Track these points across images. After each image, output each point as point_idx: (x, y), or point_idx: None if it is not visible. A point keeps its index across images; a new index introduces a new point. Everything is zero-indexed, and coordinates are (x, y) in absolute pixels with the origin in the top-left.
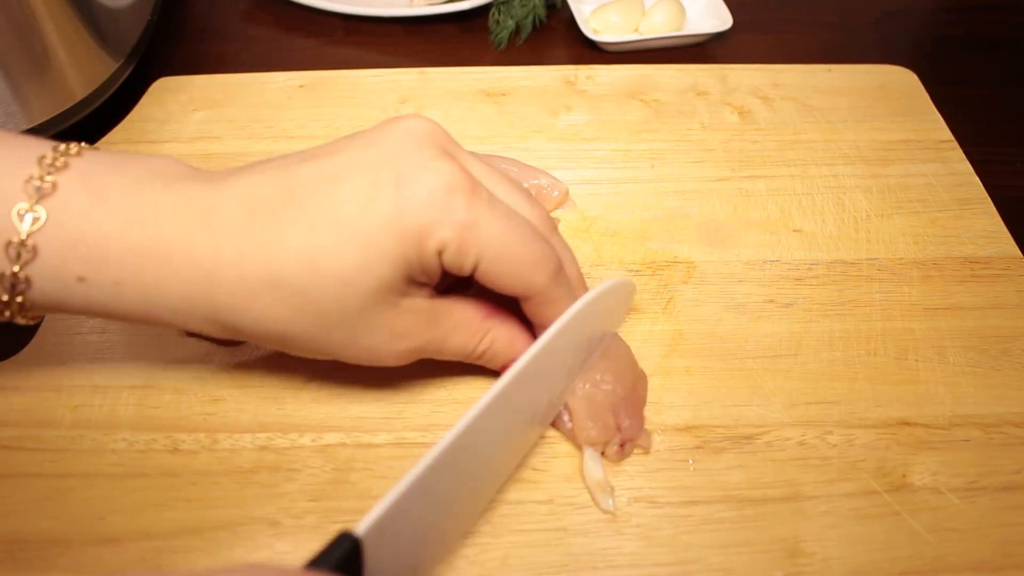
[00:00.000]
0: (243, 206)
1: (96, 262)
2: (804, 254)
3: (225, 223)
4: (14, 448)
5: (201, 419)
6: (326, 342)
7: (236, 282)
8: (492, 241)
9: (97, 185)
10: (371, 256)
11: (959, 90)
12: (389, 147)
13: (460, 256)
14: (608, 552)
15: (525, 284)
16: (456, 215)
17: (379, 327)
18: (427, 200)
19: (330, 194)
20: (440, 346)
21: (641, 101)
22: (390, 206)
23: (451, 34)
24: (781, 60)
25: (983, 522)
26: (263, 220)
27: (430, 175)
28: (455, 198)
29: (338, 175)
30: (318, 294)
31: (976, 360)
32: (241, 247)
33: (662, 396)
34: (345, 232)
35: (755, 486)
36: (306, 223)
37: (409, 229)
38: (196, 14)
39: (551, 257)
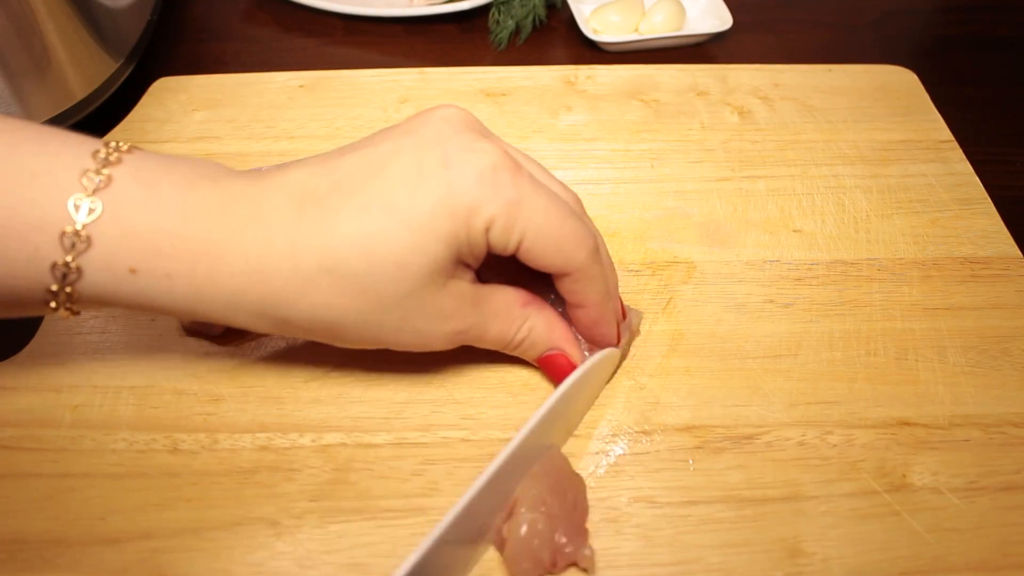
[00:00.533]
0: (290, 199)
1: (149, 254)
2: (804, 254)
3: (274, 216)
4: (14, 448)
5: (201, 419)
6: (376, 327)
7: (289, 272)
8: (535, 218)
9: (150, 180)
10: (425, 237)
11: (959, 90)
12: (431, 133)
13: (506, 233)
14: (608, 552)
15: (566, 260)
16: (503, 193)
17: (430, 309)
18: (475, 180)
19: (378, 180)
20: (482, 331)
21: (641, 101)
22: (440, 187)
23: (451, 34)
24: (781, 60)
25: (983, 522)
26: (312, 210)
27: (476, 156)
28: (501, 177)
29: (384, 162)
30: (373, 278)
31: (976, 360)
32: (293, 237)
33: (662, 396)
34: (398, 215)
35: (755, 486)
36: (357, 210)
37: (459, 208)
38: (196, 14)
39: (590, 234)
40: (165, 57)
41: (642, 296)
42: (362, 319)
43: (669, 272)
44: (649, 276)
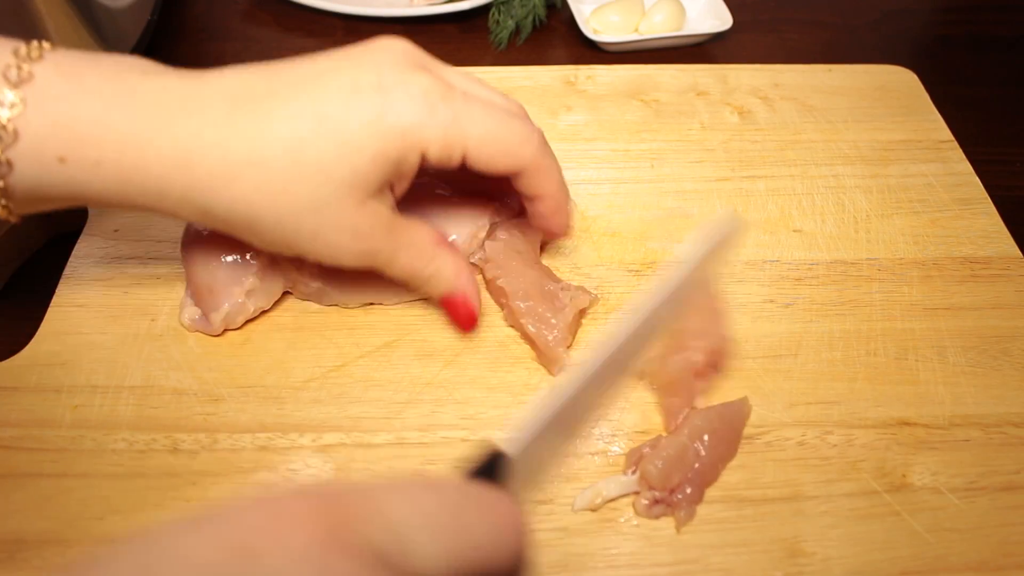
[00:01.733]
0: (224, 96)
1: (76, 143)
2: (804, 254)
3: (207, 109)
4: (14, 448)
5: (201, 419)
6: (292, 231)
7: (217, 162)
8: (474, 130)
9: (74, 73)
10: (351, 149)
11: (959, 90)
12: (369, 59)
13: (447, 150)
14: (608, 552)
15: (515, 159)
16: (438, 116)
17: (345, 223)
18: (409, 104)
19: (314, 90)
20: (392, 257)
21: (641, 101)
22: (373, 108)
23: (451, 34)
24: (781, 60)
25: (983, 522)
26: (246, 108)
27: (409, 84)
28: (433, 99)
29: (320, 76)
30: (296, 180)
31: (976, 360)
32: (224, 131)
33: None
34: (328, 125)
35: (755, 486)
36: (290, 115)
37: (391, 130)
38: (196, 14)
39: (533, 130)
40: (165, 57)
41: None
42: (280, 219)
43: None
44: (649, 276)
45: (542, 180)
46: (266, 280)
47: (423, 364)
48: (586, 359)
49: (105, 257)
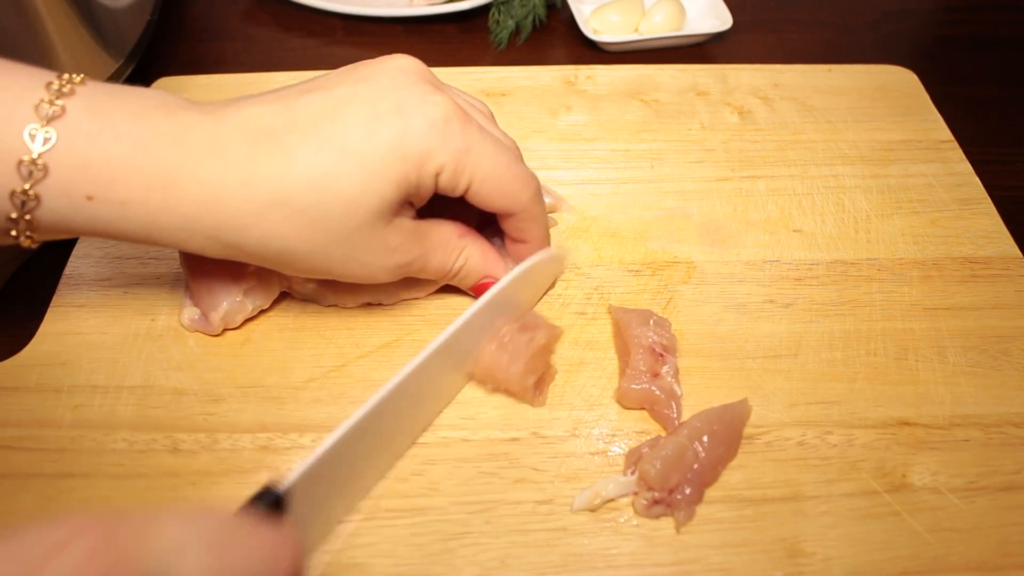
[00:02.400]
0: (246, 134)
1: (104, 182)
2: (804, 254)
3: (230, 147)
4: (14, 448)
5: (201, 419)
6: (324, 259)
7: (243, 202)
8: (483, 164)
9: (103, 111)
10: (376, 178)
11: (959, 90)
12: (386, 81)
13: (456, 177)
14: (608, 552)
15: (512, 201)
16: (453, 142)
17: (376, 244)
18: (428, 128)
19: (334, 123)
20: (425, 263)
21: (641, 101)
22: (393, 133)
23: (451, 34)
24: (781, 60)
25: (983, 522)
26: (267, 146)
27: (429, 107)
28: (452, 126)
29: (340, 106)
30: (323, 213)
31: (976, 360)
32: (249, 169)
33: None
34: (352, 156)
35: (755, 486)
36: (313, 149)
37: (411, 154)
38: (196, 14)
39: (532, 178)
40: (165, 57)
41: (642, 296)
42: (310, 250)
43: (669, 272)
44: (649, 276)
45: (530, 225)
46: (264, 280)
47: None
48: (371, 395)
49: (105, 257)
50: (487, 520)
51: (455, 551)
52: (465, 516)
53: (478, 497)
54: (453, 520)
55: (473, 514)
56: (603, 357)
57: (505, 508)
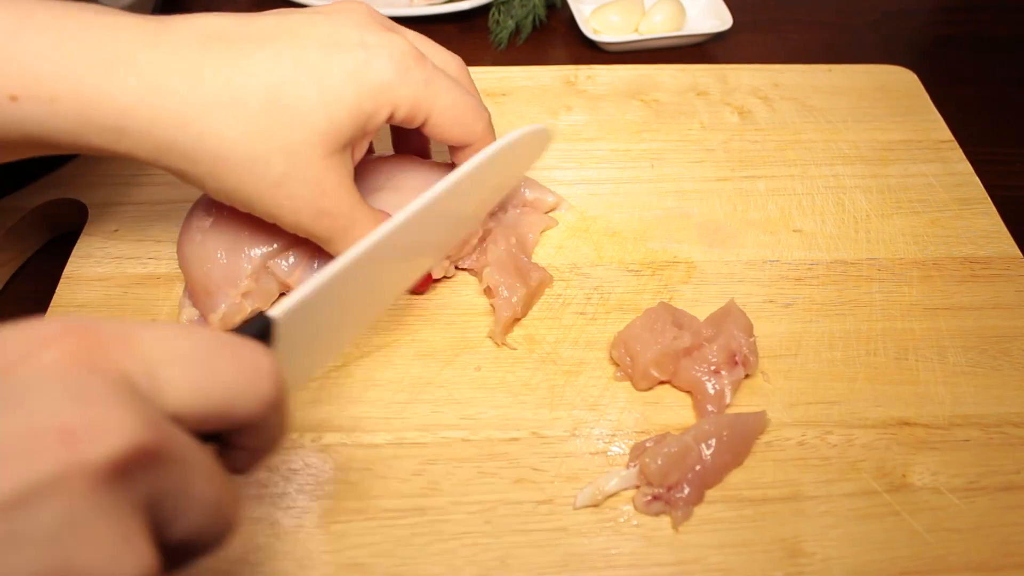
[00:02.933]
0: (197, 36)
1: (28, 79)
2: (804, 254)
3: (178, 44)
4: None
5: None
6: (260, 174)
7: (188, 93)
8: (440, 99)
9: (23, 10)
10: (330, 98)
11: (959, 90)
12: (345, 19)
13: (414, 112)
14: (608, 552)
15: (468, 131)
16: (413, 77)
17: (312, 177)
18: (388, 63)
19: (293, 38)
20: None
21: (641, 101)
22: (354, 61)
23: (451, 34)
24: (781, 60)
25: (983, 522)
26: (220, 48)
27: (389, 45)
28: (410, 62)
29: (299, 26)
30: (271, 122)
31: (976, 360)
32: (197, 65)
33: (662, 396)
34: (309, 71)
35: (755, 486)
36: (269, 56)
37: (370, 84)
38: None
39: (484, 108)
40: None
41: (642, 296)
42: (250, 158)
43: (669, 272)
44: (649, 276)
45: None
46: (261, 281)
47: (423, 364)
48: (366, 239)
49: (105, 257)
50: (487, 520)
51: (455, 551)
52: (465, 516)
53: (478, 497)
54: (453, 520)
55: (473, 514)
56: (603, 357)
57: (505, 508)
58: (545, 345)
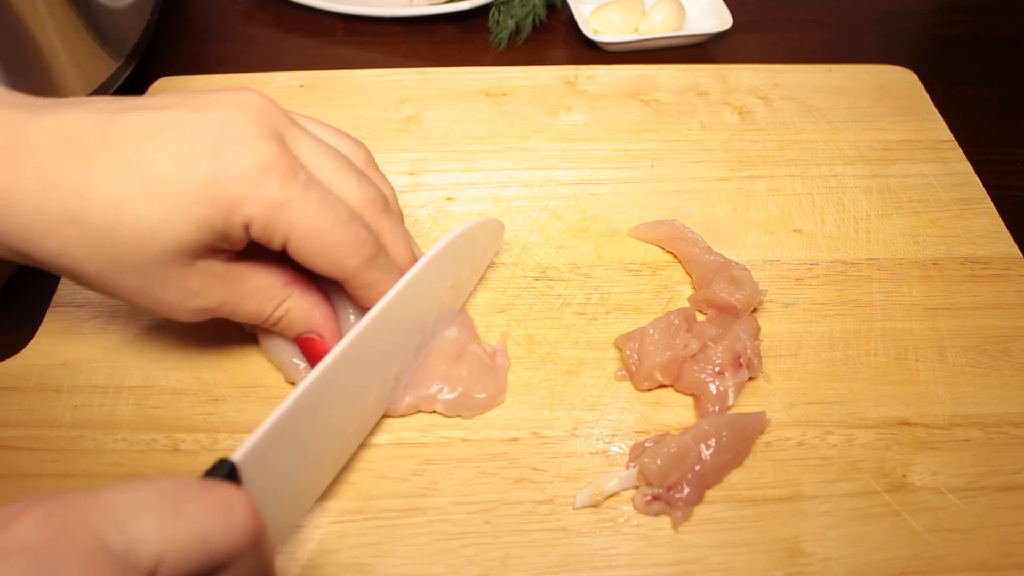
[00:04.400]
0: (53, 138)
1: None
2: (804, 254)
3: (31, 153)
4: (14, 448)
5: (201, 419)
6: (118, 286)
7: (33, 212)
8: (301, 222)
9: None
10: (175, 215)
11: (959, 90)
12: (216, 116)
13: (267, 232)
14: (608, 552)
15: (336, 266)
16: (266, 193)
17: (172, 283)
18: (240, 174)
19: (146, 146)
20: (235, 308)
21: (641, 101)
22: (203, 172)
23: (451, 34)
24: (781, 60)
25: (983, 522)
26: (72, 158)
27: (248, 151)
28: (269, 177)
29: (159, 131)
30: (116, 241)
31: (976, 360)
32: (46, 179)
33: (662, 396)
34: (154, 187)
35: (755, 486)
36: (117, 169)
37: (217, 198)
38: (196, 14)
39: (365, 242)
40: (165, 57)
41: (642, 296)
42: (102, 275)
43: (669, 272)
44: (649, 276)
45: (366, 294)
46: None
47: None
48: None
49: None
50: (487, 520)
51: (455, 551)
52: (465, 516)
53: (478, 497)
54: (453, 520)
55: (473, 514)
56: (603, 357)
57: (505, 508)
58: (545, 345)
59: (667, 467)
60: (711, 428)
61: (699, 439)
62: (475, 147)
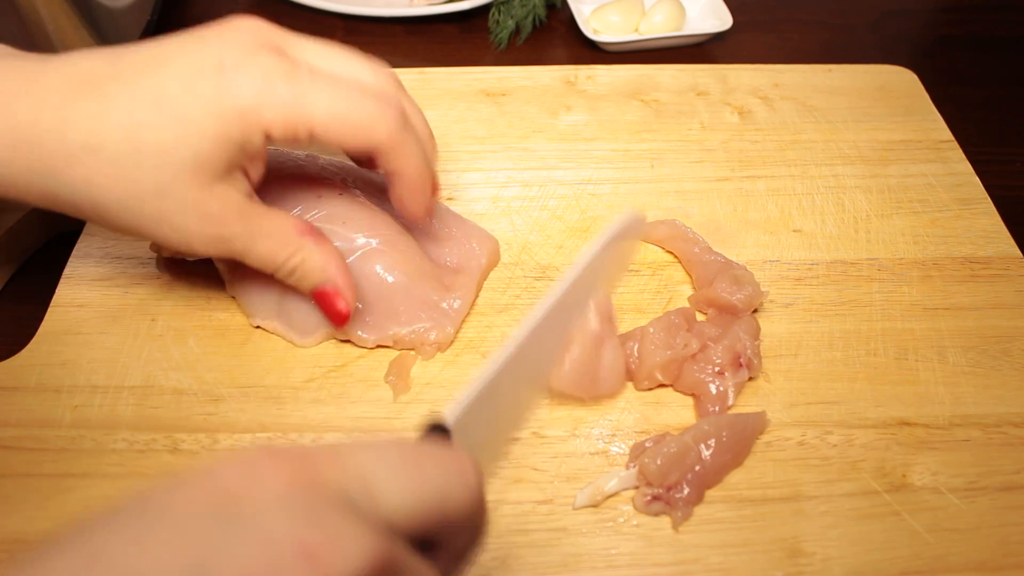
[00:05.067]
0: (67, 79)
1: None
2: (804, 254)
3: (48, 92)
4: (15, 448)
5: (201, 419)
6: (138, 214)
7: (56, 145)
8: (319, 107)
9: None
10: (190, 131)
11: (959, 90)
12: (215, 40)
13: (290, 129)
14: (608, 552)
15: (366, 140)
16: (278, 94)
17: (191, 206)
18: (247, 85)
19: (155, 74)
20: (248, 245)
21: (641, 101)
22: (211, 89)
23: (451, 34)
24: (781, 60)
25: (983, 522)
26: (87, 92)
27: (250, 65)
28: (273, 79)
29: (164, 59)
30: (136, 164)
31: (976, 360)
32: (63, 113)
33: (662, 396)
34: (166, 108)
35: (755, 486)
36: (129, 97)
37: (231, 110)
38: (196, 14)
39: (388, 111)
40: None
41: (642, 296)
42: (123, 202)
43: (669, 272)
44: (649, 276)
45: (398, 160)
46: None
47: (423, 364)
48: (512, 335)
49: (105, 257)
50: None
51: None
52: None
53: None
54: None
55: None
56: None
57: (505, 508)
58: None
59: (667, 467)
60: (711, 428)
61: (699, 439)
62: (475, 147)
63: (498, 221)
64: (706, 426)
